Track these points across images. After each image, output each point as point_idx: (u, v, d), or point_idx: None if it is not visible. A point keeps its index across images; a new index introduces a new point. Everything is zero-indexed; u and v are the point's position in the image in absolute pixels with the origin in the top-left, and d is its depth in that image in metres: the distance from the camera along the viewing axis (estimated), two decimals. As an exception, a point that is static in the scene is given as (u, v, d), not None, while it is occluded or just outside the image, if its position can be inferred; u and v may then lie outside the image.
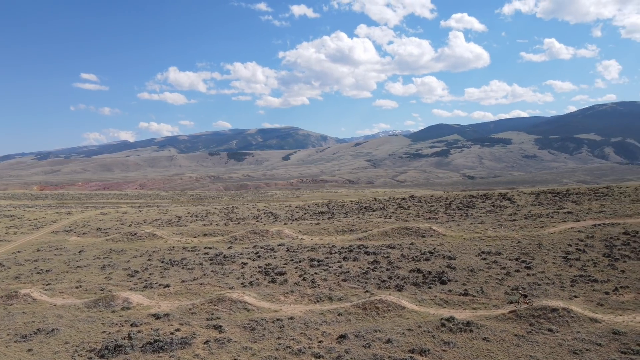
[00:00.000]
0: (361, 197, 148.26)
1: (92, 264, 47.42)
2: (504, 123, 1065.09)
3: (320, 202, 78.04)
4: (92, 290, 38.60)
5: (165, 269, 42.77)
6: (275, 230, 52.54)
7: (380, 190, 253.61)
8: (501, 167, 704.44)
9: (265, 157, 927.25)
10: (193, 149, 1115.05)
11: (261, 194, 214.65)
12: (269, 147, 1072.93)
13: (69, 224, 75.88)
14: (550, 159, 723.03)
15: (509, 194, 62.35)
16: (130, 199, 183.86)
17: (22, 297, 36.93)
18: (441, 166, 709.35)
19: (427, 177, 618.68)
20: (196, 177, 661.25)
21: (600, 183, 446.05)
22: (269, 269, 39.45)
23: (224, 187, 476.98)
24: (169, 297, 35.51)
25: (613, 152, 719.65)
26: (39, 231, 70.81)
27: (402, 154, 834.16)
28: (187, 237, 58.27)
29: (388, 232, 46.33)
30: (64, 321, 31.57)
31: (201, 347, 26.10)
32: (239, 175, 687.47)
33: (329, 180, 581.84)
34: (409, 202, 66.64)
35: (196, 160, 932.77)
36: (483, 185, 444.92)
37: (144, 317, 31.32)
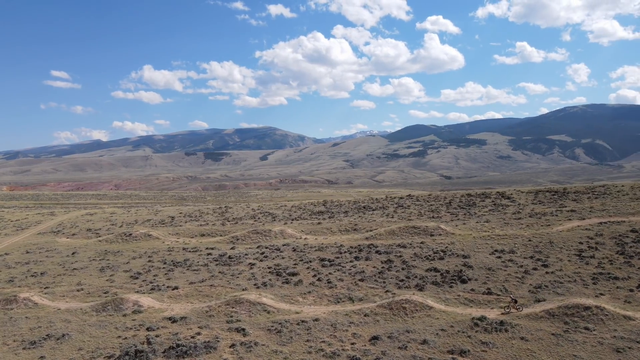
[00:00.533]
0: (346, 196, 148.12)
1: (89, 266, 45.60)
2: (479, 124, 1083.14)
3: (317, 202, 77.29)
4: (95, 294, 37.00)
5: (170, 271, 41.38)
6: (277, 230, 51.58)
7: (363, 190, 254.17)
8: (477, 167, 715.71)
9: (243, 157, 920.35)
10: (169, 148, 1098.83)
11: (244, 194, 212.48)
12: (247, 147, 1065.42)
13: (54, 224, 73.18)
14: (524, 160, 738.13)
15: (507, 192, 62.87)
16: (110, 199, 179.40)
17: (22, 301, 35.10)
18: (418, 166, 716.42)
19: (405, 177, 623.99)
20: (173, 177, 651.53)
21: (572, 183, 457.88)
22: (280, 269, 38.54)
23: (202, 188, 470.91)
24: (179, 300, 34.26)
25: (583, 153, 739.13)
26: (23, 232, 68.03)
27: (379, 155, 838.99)
28: (184, 237, 56.73)
29: (395, 231, 45.94)
30: (73, 326, 30.06)
31: (227, 351, 25.11)
32: (216, 175, 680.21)
33: (308, 180, 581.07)
34: (408, 201, 66.56)
35: (172, 160, 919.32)
36: (461, 186, 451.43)
37: (159, 320, 30.07)
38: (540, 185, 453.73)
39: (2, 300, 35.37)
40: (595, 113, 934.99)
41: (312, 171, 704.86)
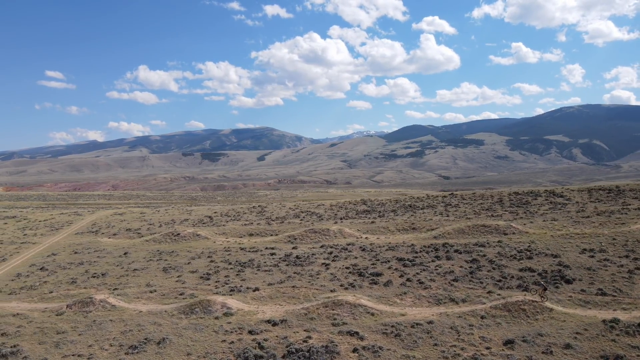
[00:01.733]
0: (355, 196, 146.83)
1: (149, 266, 44.07)
2: (475, 124, 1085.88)
3: (356, 201, 75.96)
4: (170, 295, 35.54)
5: (240, 272, 39.95)
6: (336, 230, 50.26)
7: (370, 190, 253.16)
8: (474, 167, 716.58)
9: (240, 158, 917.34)
10: (166, 149, 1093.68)
11: (253, 195, 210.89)
12: (244, 148, 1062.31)
13: (88, 224, 71.45)
14: (521, 160, 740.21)
15: (558, 191, 61.90)
16: (119, 199, 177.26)
17: (98, 303, 33.59)
18: (416, 167, 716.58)
19: (403, 177, 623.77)
20: (171, 177, 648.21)
21: (572, 183, 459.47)
22: (360, 269, 37.25)
23: (200, 188, 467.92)
24: (265, 301, 32.88)
25: (580, 153, 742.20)
26: (59, 232, 66.27)
27: (377, 155, 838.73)
28: (233, 237, 55.29)
29: (465, 230, 44.75)
30: (166, 329, 28.61)
31: (352, 356, 23.81)
32: (214, 175, 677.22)
33: (307, 180, 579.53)
34: (453, 199, 65.46)
35: (169, 160, 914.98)
36: (460, 186, 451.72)
37: (257, 323, 28.69)
38: (540, 185, 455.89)
39: (77, 303, 33.86)
40: (591, 113, 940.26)
41: (310, 171, 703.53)
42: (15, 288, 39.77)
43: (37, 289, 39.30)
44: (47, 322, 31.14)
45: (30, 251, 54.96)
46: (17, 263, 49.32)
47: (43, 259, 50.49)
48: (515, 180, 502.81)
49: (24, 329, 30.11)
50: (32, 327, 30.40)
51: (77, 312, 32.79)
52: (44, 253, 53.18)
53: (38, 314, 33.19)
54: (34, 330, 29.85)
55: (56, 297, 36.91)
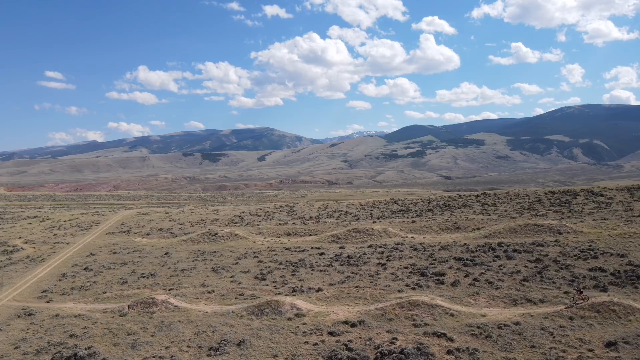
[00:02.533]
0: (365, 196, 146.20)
1: (196, 266, 43.37)
2: (476, 124, 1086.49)
3: (386, 200, 75.39)
4: (229, 296, 34.86)
5: (294, 272, 39.30)
6: (380, 229, 49.67)
7: (379, 190, 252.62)
8: (475, 167, 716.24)
9: (241, 158, 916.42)
10: (166, 149, 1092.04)
11: (262, 195, 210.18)
12: (244, 148, 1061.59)
13: (116, 224, 70.75)
14: (522, 160, 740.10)
15: (595, 189, 61.42)
16: (129, 199, 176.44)
17: (161, 304, 32.93)
18: (417, 167, 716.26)
19: (405, 177, 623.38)
20: (172, 178, 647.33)
21: (574, 183, 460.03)
22: (420, 269, 36.64)
23: (202, 188, 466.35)
24: (332, 302, 32.22)
25: (581, 153, 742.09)
26: (88, 232, 65.55)
27: (378, 155, 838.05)
28: (270, 237, 54.68)
29: (517, 230, 44.20)
30: (241, 330, 27.98)
31: (447, 358, 23.19)
32: (215, 176, 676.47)
33: (308, 180, 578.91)
34: (487, 198, 64.92)
35: (170, 161, 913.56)
36: (462, 185, 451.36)
37: (333, 324, 28.05)
38: (543, 185, 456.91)
39: (139, 303, 33.19)
40: (592, 113, 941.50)
41: (311, 172, 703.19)
42: (65, 289, 39.07)
43: (89, 289, 38.61)
44: (112, 323, 30.48)
45: (66, 251, 54.24)
46: (58, 263, 48.60)
47: (83, 258, 49.78)
48: (517, 180, 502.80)
49: (91, 330, 29.45)
50: (99, 328, 29.75)
51: (140, 312, 32.12)
52: (82, 253, 52.47)
53: (99, 314, 32.53)
54: (102, 332, 29.20)
55: (111, 298, 36.24)
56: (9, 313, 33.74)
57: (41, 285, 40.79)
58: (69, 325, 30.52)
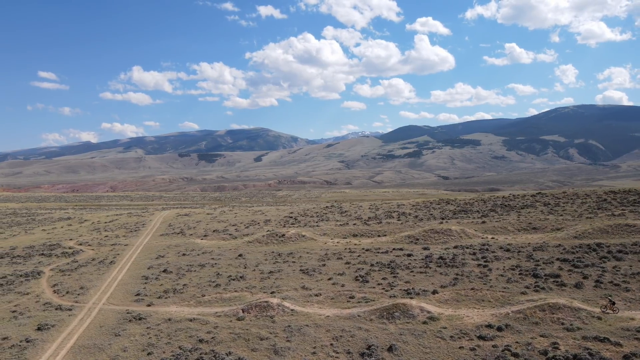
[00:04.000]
0: (376, 196, 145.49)
1: (281, 268, 42.26)
2: (471, 125, 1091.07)
3: (437, 200, 74.69)
4: (339, 299, 33.78)
5: (393, 274, 38.33)
6: (458, 230, 48.88)
7: (389, 190, 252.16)
8: (472, 167, 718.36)
9: (237, 159, 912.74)
10: (161, 150, 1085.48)
11: (274, 195, 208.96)
12: (239, 148, 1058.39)
13: (163, 226, 69.41)
14: (519, 160, 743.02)
15: (658, 189, 61.21)
16: (143, 200, 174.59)
17: (277, 307, 31.88)
18: (415, 167, 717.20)
19: (403, 177, 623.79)
20: (169, 178, 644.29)
21: (573, 183, 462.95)
22: (528, 271, 35.86)
23: (200, 189, 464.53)
24: (456, 305, 31.26)
25: (577, 153, 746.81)
26: (138, 234, 64.17)
27: (374, 155, 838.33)
28: (337, 238, 53.73)
29: (608, 230, 43.59)
30: (381, 335, 26.99)
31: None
32: (212, 177, 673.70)
33: (307, 181, 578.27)
34: (545, 198, 64.44)
35: (166, 161, 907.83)
36: (462, 185, 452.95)
37: (476, 328, 27.15)
38: (542, 185, 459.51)
39: (253, 307, 32.11)
40: (586, 113, 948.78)
41: (309, 172, 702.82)
42: (157, 292, 37.85)
43: (184, 292, 37.40)
44: (235, 328, 29.39)
45: (128, 252, 52.91)
46: (129, 265, 47.27)
47: (152, 260, 48.50)
48: (516, 180, 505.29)
49: (218, 335, 28.34)
50: (224, 333, 28.65)
51: (258, 316, 31.06)
52: (148, 255, 51.18)
53: (213, 318, 31.41)
54: (231, 336, 28.11)
55: (213, 301, 35.10)
56: (116, 317, 32.52)
57: (128, 288, 39.53)
58: (190, 330, 29.39)
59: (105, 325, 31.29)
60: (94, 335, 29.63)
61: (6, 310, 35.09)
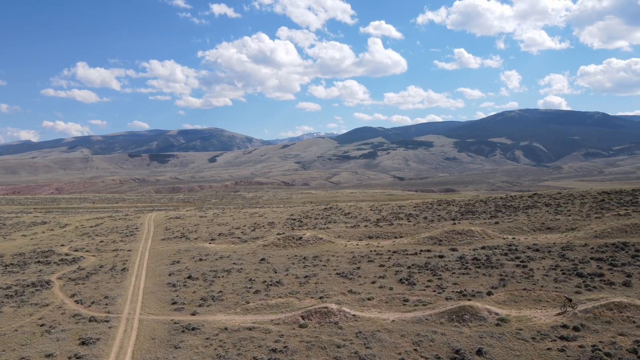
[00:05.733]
0: (348, 197, 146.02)
1: (316, 273, 41.14)
2: (423, 127, 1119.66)
3: (434, 201, 75.47)
4: (394, 302, 33.21)
5: (436, 275, 38.20)
6: (480, 230, 49.46)
7: (356, 191, 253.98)
8: (426, 168, 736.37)
9: (191, 159, 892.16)
10: (109, 150, 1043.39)
11: (243, 197, 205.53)
12: (193, 149, 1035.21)
13: (160, 229, 66.28)
14: (469, 161, 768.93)
15: (648, 190, 64.62)
16: (106, 203, 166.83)
17: (338, 313, 30.90)
18: (370, 168, 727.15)
19: (360, 178, 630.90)
20: (120, 179, 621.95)
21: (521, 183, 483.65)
22: (570, 270, 36.69)
23: (154, 190, 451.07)
24: (515, 306, 31.43)
25: (522, 155, 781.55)
26: (136, 238, 60.91)
27: (330, 156, 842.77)
28: (353, 240, 53.17)
29: (627, 230, 45.15)
30: (461, 339, 26.66)
31: None
32: (166, 177, 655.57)
33: (264, 182, 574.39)
34: (543, 199, 66.62)
35: (115, 162, 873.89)
36: (419, 186, 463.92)
37: (553, 329, 27.30)
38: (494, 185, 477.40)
39: (314, 313, 30.98)
40: (530, 117, 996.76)
41: (266, 173, 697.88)
42: (194, 299, 35.87)
43: (224, 299, 35.61)
44: (303, 335, 28.21)
45: (136, 259, 50.03)
46: (145, 272, 44.60)
47: (168, 267, 46.04)
48: (469, 180, 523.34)
49: (289, 344, 27.06)
50: (294, 342, 27.40)
51: (322, 323, 29.97)
52: (162, 261, 48.57)
53: (273, 326, 30.04)
54: (304, 345, 26.92)
55: (260, 308, 33.61)
56: (165, 328, 30.46)
57: (159, 296, 37.24)
58: (255, 339, 27.93)
59: (157, 337, 29.23)
60: (151, 349, 27.59)
61: (32, 324, 32.17)
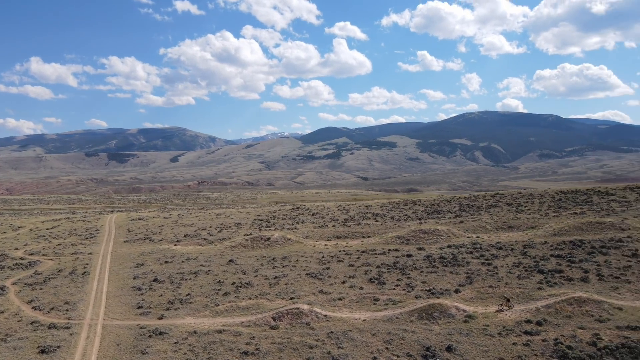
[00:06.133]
0: (314, 198, 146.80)
1: (286, 273, 40.94)
2: (387, 127, 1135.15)
3: (404, 200, 76.38)
4: (364, 302, 33.38)
5: (405, 274, 38.69)
6: (446, 230, 50.45)
7: (321, 191, 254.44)
8: (389, 168, 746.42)
9: (152, 159, 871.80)
10: (65, 149, 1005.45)
11: (208, 197, 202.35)
12: (153, 148, 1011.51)
13: (122, 231, 64.34)
14: (431, 162, 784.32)
15: (602, 190, 67.49)
16: (62, 204, 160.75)
17: (310, 313, 30.84)
18: (335, 168, 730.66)
19: (324, 178, 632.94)
20: (76, 180, 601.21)
21: (481, 183, 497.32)
22: (532, 267, 37.94)
23: (113, 191, 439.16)
24: (481, 302, 32.23)
25: (482, 156, 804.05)
26: (96, 240, 58.92)
27: (295, 156, 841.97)
28: (322, 240, 53.25)
29: (582, 227, 47.16)
30: (431, 336, 27.13)
31: (670, 348, 24.51)
32: (125, 178, 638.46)
33: (228, 182, 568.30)
34: (505, 198, 68.60)
35: (71, 161, 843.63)
36: (383, 186, 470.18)
37: (518, 324, 28.15)
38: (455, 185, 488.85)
39: (285, 314, 30.83)
40: (489, 119, 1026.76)
41: (229, 173, 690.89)
42: (160, 303, 35.00)
43: (192, 302, 34.89)
44: (275, 337, 28.01)
45: (97, 262, 48.36)
46: (107, 276, 43.16)
47: (132, 270, 44.75)
48: (431, 180, 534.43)
49: (260, 346, 26.82)
50: (266, 344, 27.19)
51: (293, 324, 29.85)
52: (125, 264, 47.15)
53: (244, 328, 29.69)
54: (276, 347, 26.76)
55: (231, 310, 33.13)
56: (131, 333, 29.57)
57: (123, 300, 36.13)
58: (225, 342, 27.53)
59: (123, 343, 28.35)
60: (116, 355, 26.76)
61: (-14, 333, 30.53)
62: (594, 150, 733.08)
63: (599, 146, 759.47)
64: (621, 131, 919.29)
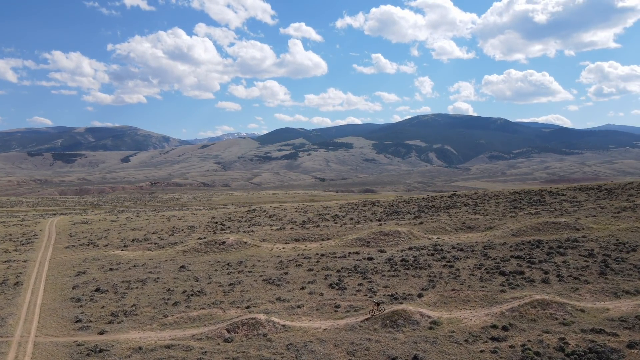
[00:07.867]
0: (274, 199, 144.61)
1: (242, 279, 38.60)
2: (343, 129, 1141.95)
3: (363, 201, 75.17)
4: (325, 309, 31.69)
5: (366, 279, 37.25)
6: (406, 231, 49.49)
7: (278, 192, 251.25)
8: (346, 169, 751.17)
9: (101, 159, 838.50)
10: (5, 148, 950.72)
11: (160, 199, 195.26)
12: (103, 148, 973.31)
13: (63, 236, 59.73)
14: (387, 163, 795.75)
15: (553, 190, 68.86)
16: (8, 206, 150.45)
17: (267, 324, 28.74)
18: (292, 169, 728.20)
19: (281, 179, 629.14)
20: (17, 180, 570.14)
21: (435, 183, 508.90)
22: (493, 268, 37.41)
23: (58, 192, 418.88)
24: (446, 307, 31.21)
25: (435, 157, 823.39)
26: (33, 246, 54.32)
27: (251, 157, 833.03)
28: (279, 243, 51.23)
29: (540, 228, 47.33)
30: (396, 345, 25.72)
31: (633, 352, 24.14)
32: (72, 178, 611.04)
33: (182, 183, 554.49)
34: (462, 199, 68.79)
35: (11, 161, 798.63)
36: (339, 187, 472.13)
37: (484, 329, 27.21)
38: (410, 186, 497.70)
39: (240, 325, 28.58)
40: (442, 122, 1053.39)
41: (184, 174, 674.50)
42: (102, 315, 31.95)
43: (138, 314, 32.04)
44: (229, 351, 25.78)
45: (33, 270, 44.27)
46: (43, 286, 39.37)
47: (72, 279, 41.10)
48: (387, 181, 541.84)
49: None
50: (220, 359, 24.92)
51: (249, 336, 27.68)
52: (64, 272, 43.32)
53: (195, 342, 27.27)
54: (230, 364, 24.53)
55: (181, 322, 30.58)
56: (65, 352, 26.52)
57: (59, 313, 32.78)
58: (176, 359, 25.03)
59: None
60: (48, 378, 23.71)
61: None
62: (539, 153, 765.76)
63: (544, 148, 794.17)
64: (563, 134, 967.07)
